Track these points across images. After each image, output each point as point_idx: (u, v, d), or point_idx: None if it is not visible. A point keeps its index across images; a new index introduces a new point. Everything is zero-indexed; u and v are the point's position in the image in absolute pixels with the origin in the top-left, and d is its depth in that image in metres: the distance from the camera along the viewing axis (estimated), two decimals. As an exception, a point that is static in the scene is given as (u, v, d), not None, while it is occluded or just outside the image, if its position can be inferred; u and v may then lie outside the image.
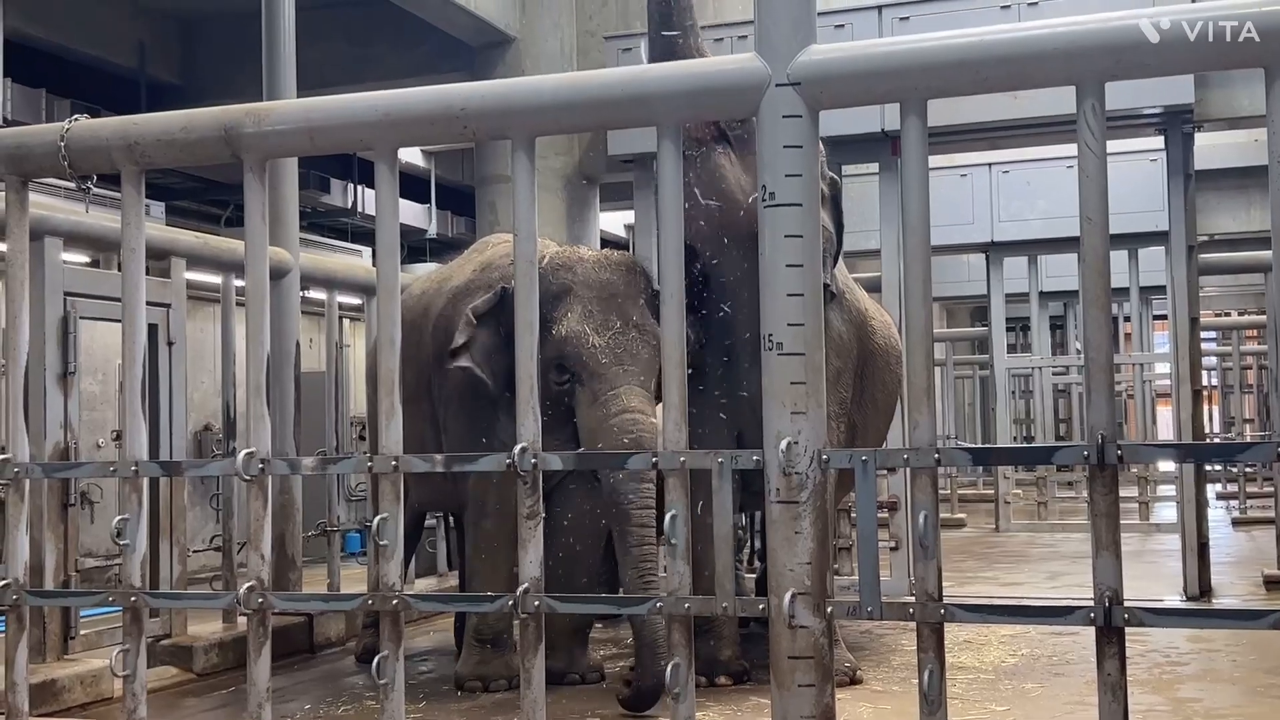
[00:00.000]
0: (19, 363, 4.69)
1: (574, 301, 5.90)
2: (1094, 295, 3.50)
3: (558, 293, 5.90)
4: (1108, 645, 3.45)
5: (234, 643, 6.79)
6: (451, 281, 6.53)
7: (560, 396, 5.83)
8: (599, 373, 5.74)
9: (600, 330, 5.81)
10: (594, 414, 5.71)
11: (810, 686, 3.64)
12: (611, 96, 4.03)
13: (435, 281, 6.81)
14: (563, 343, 5.80)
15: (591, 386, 5.77)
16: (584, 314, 5.86)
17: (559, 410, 5.78)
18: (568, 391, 5.84)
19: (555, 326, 5.81)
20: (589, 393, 5.78)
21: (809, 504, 3.65)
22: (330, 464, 4.94)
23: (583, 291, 5.94)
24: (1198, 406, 8.66)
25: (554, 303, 5.85)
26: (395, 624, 4.19)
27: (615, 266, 6.08)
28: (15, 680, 4.54)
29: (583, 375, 5.80)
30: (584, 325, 5.83)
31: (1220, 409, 18.65)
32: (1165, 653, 6.51)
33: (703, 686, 5.90)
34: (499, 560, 6.05)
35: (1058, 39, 3.44)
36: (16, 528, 4.57)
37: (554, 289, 5.87)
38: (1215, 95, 8.51)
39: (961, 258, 15.30)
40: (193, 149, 4.43)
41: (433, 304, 6.51)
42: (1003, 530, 13.37)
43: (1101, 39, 3.38)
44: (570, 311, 5.86)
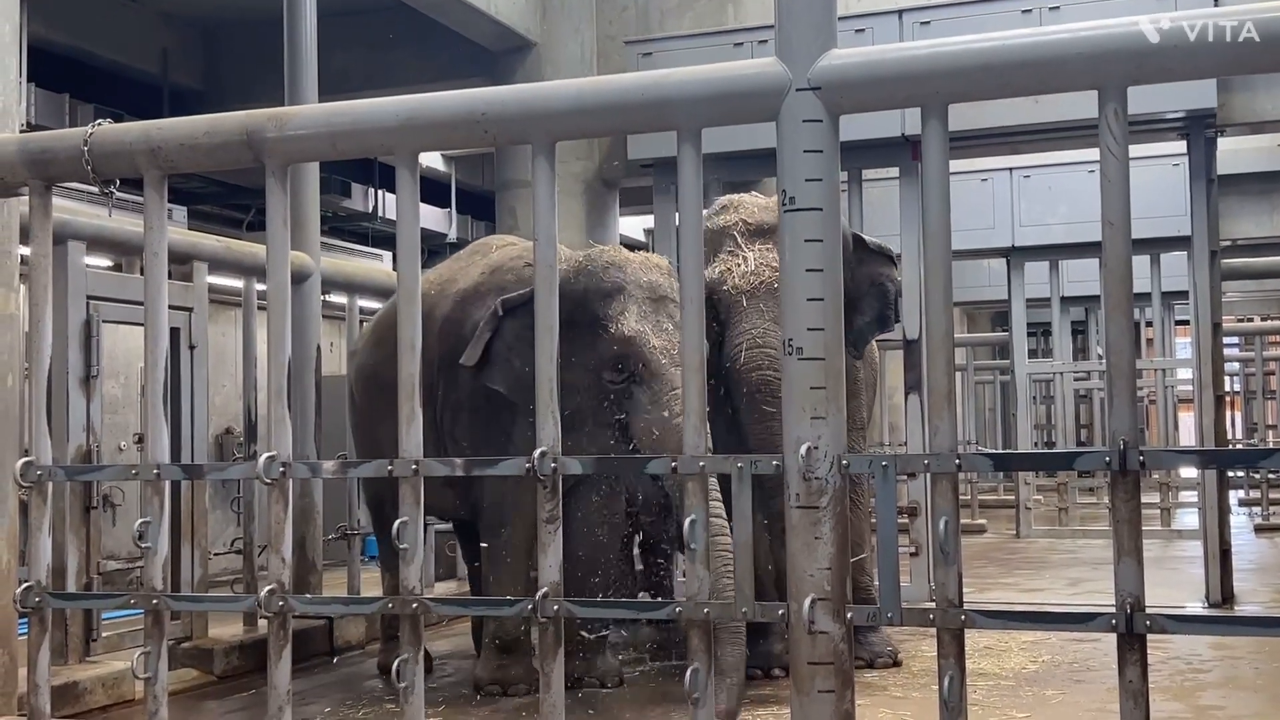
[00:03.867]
0: (42, 366, 4.71)
1: (628, 301, 5.88)
2: (1116, 300, 3.49)
3: (610, 290, 5.89)
4: (1129, 652, 3.43)
5: (254, 645, 6.81)
6: (458, 284, 6.45)
7: (607, 393, 5.82)
8: (660, 374, 5.72)
9: (656, 331, 5.81)
10: (657, 414, 5.69)
11: (830, 692, 3.63)
12: (632, 101, 4.04)
13: (434, 284, 6.58)
14: (624, 342, 5.78)
15: (653, 387, 5.74)
16: (640, 314, 5.85)
17: (600, 406, 5.80)
18: (623, 391, 5.81)
19: (613, 324, 5.80)
20: (650, 393, 5.75)
21: (829, 509, 3.65)
22: (350, 467, 4.96)
23: (635, 291, 5.92)
24: (1220, 412, 8.61)
25: (606, 300, 5.85)
26: (415, 628, 4.20)
27: (657, 268, 6.10)
28: (37, 682, 4.56)
29: (643, 375, 5.77)
30: (643, 325, 5.82)
31: (1243, 415, 18.55)
32: (1187, 660, 6.47)
33: (758, 679, 6.02)
34: (519, 565, 6.05)
35: (1080, 43, 3.43)
36: (39, 530, 4.59)
37: (606, 286, 5.88)
38: (1238, 99, 8.48)
39: (982, 262, 15.25)
40: (215, 153, 4.45)
41: (436, 306, 6.36)
42: (1023, 536, 13.31)
43: (1124, 43, 3.37)
44: (627, 311, 5.84)
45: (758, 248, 6.21)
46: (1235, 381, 18.81)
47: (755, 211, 6.33)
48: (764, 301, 6.05)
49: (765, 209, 6.32)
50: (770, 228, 6.18)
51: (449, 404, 6.22)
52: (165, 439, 4.57)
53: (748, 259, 6.15)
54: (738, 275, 6.12)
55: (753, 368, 5.96)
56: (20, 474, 4.56)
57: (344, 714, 5.78)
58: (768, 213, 6.26)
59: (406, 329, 4.24)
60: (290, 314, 4.46)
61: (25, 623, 4.71)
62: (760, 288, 6.07)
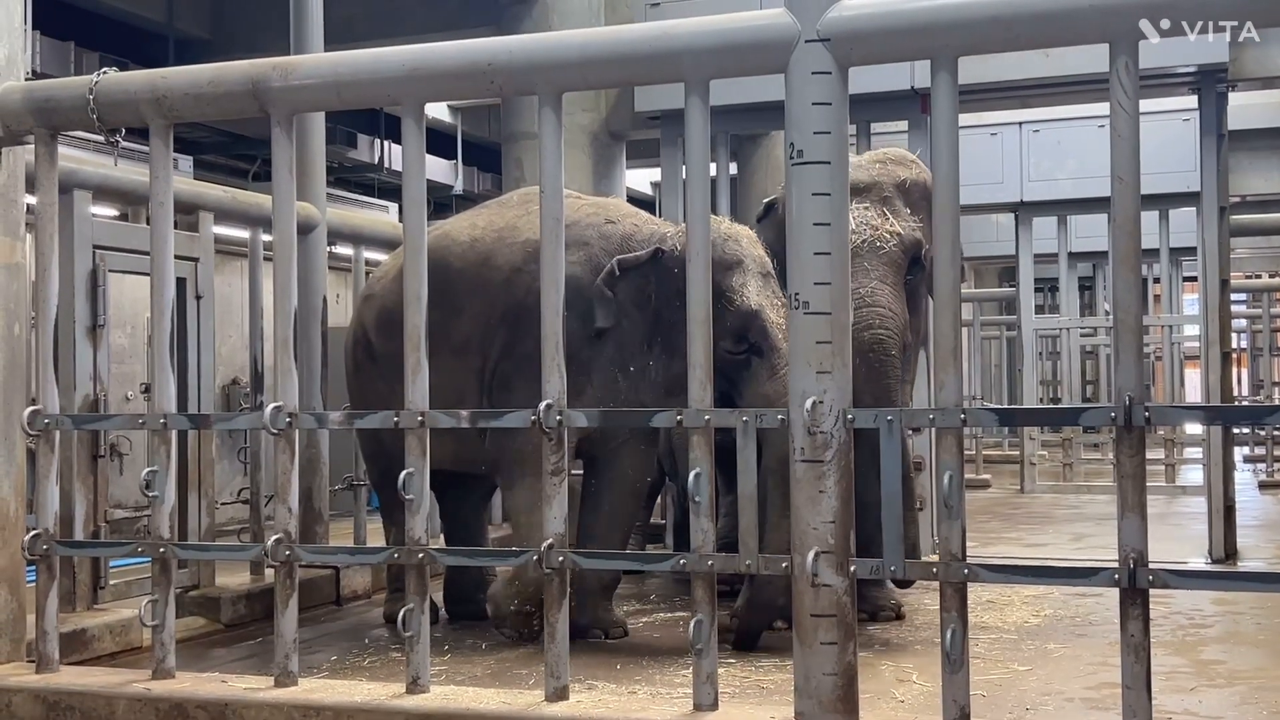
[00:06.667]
0: (49, 315, 4.72)
1: (747, 275, 5.95)
2: (1124, 256, 3.48)
3: (731, 263, 5.93)
4: (1132, 607, 3.45)
5: (261, 594, 6.85)
6: (522, 234, 6.21)
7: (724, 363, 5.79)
8: (778, 347, 5.80)
9: (772, 306, 5.91)
10: (775, 386, 5.76)
11: (832, 644, 3.66)
12: (639, 52, 4.02)
13: (488, 230, 6.42)
14: (749, 315, 5.85)
15: (771, 360, 5.84)
16: (758, 288, 5.93)
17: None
18: (742, 362, 5.89)
19: (737, 297, 5.86)
20: (769, 365, 5.85)
21: (833, 463, 3.66)
22: (357, 418, 4.97)
23: (751, 265, 5.99)
24: (1226, 369, 8.59)
25: (728, 273, 5.88)
26: (421, 577, 4.23)
27: (758, 243, 6.16)
28: (45, 629, 4.61)
29: (764, 348, 5.87)
30: (762, 299, 5.92)
31: (1249, 372, 18.52)
32: (1189, 615, 6.50)
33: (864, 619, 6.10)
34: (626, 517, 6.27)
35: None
36: (46, 478, 4.62)
37: (728, 259, 5.92)
38: (1250, 54, 8.39)
39: (990, 217, 15.20)
40: (220, 103, 4.45)
41: (494, 254, 6.26)
42: (1027, 491, 13.34)
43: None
44: (748, 285, 5.91)
45: (854, 205, 6.17)
46: (1242, 338, 18.76)
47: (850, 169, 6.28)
48: (868, 260, 6.06)
49: (859, 166, 6.27)
50: (865, 185, 6.19)
51: (513, 355, 6.13)
52: (172, 389, 4.58)
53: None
54: None
55: (864, 326, 5.93)
56: (28, 422, 4.59)
57: (350, 662, 5.83)
58: (861, 170, 6.24)
59: (413, 282, 4.25)
60: (296, 265, 4.46)
61: (34, 570, 4.75)
62: (863, 246, 6.06)
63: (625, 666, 5.52)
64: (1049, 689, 5.07)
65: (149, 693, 4.33)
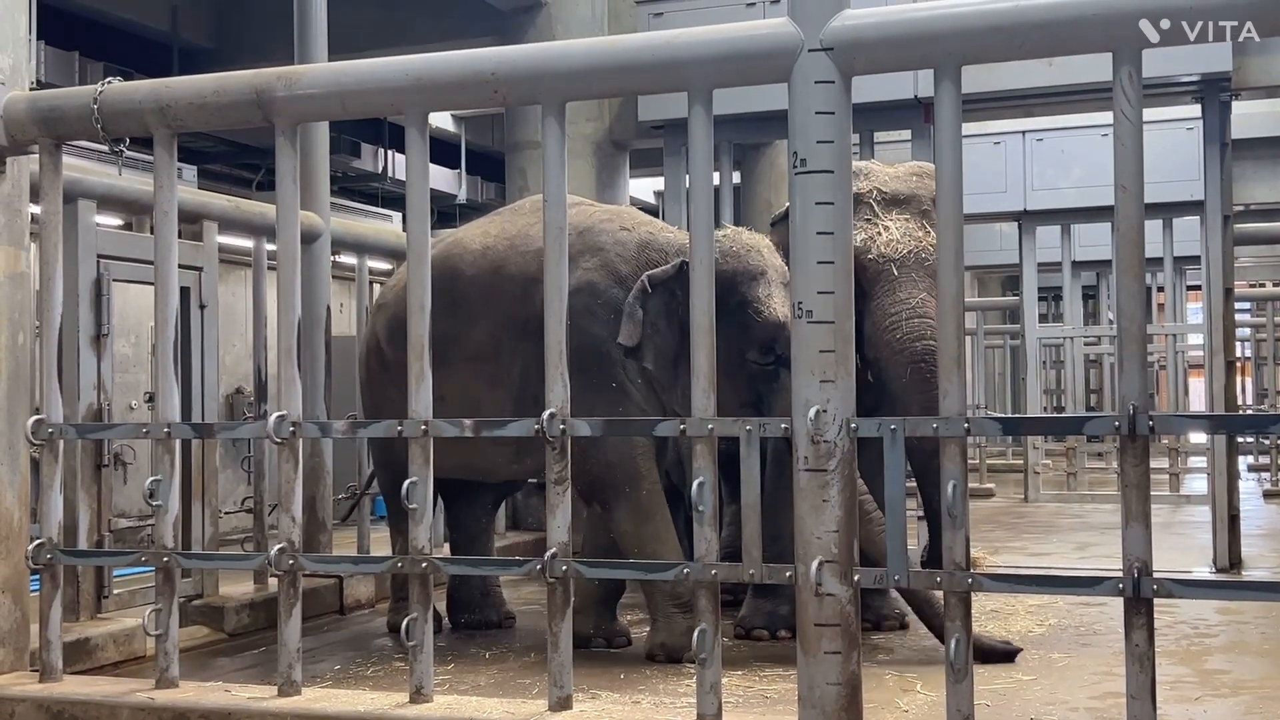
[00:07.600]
0: (53, 324, 4.73)
1: (772, 286, 5.95)
2: (1128, 264, 3.48)
3: (755, 274, 5.94)
4: (1136, 616, 3.44)
5: (265, 603, 6.85)
6: (536, 243, 6.02)
7: (750, 373, 5.90)
8: None
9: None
10: None
11: (837, 654, 3.66)
12: (643, 61, 4.02)
13: (499, 239, 6.40)
14: (777, 327, 5.84)
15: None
16: (784, 299, 5.91)
17: (738, 384, 5.83)
18: (771, 373, 5.88)
19: (764, 308, 5.87)
20: None
21: (837, 472, 3.66)
22: (360, 427, 4.98)
23: (775, 276, 5.99)
24: (1230, 378, 8.59)
25: (754, 283, 5.90)
26: (424, 587, 4.23)
27: (776, 252, 6.14)
28: (49, 638, 4.61)
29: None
30: (789, 310, 5.88)
31: (1253, 381, 18.50)
32: (1194, 624, 6.48)
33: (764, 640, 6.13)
34: (661, 529, 5.95)
35: (1095, 4, 3.41)
36: (50, 488, 4.62)
37: (753, 269, 5.94)
38: (1253, 62, 8.39)
39: (993, 226, 15.19)
40: (224, 112, 4.45)
41: (507, 262, 6.22)
42: (1031, 500, 13.32)
43: (1138, 3, 3.35)
44: (773, 296, 5.92)
45: (895, 216, 6.21)
46: (1246, 347, 18.74)
47: (888, 180, 6.31)
48: (915, 271, 6.09)
49: (897, 178, 6.33)
50: (905, 197, 6.23)
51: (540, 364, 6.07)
52: (176, 398, 4.59)
53: (889, 228, 6.16)
54: (882, 244, 6.12)
55: (915, 337, 5.96)
56: (31, 431, 4.59)
57: (353, 672, 5.82)
58: (900, 181, 6.30)
59: (417, 291, 4.25)
60: (300, 274, 4.47)
61: (37, 579, 4.75)
62: (909, 257, 6.09)
63: (629, 676, 5.52)
64: (1053, 698, 5.06)
65: (152, 702, 4.33)
